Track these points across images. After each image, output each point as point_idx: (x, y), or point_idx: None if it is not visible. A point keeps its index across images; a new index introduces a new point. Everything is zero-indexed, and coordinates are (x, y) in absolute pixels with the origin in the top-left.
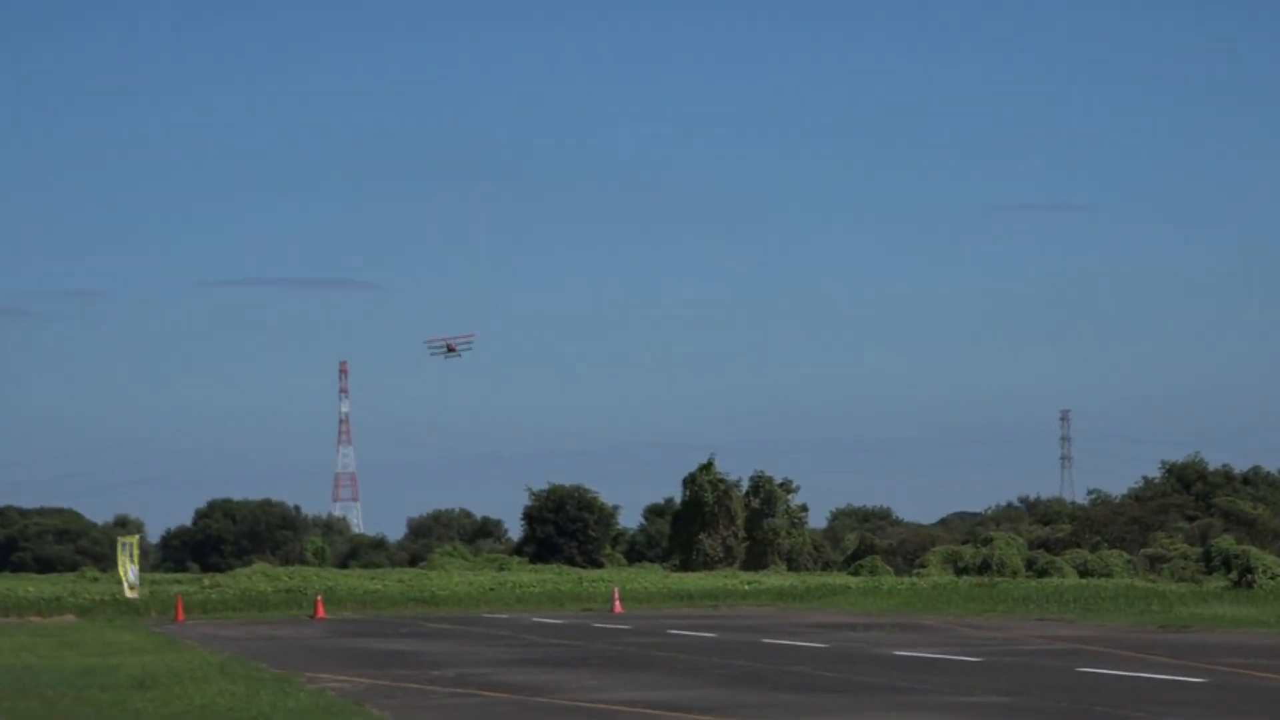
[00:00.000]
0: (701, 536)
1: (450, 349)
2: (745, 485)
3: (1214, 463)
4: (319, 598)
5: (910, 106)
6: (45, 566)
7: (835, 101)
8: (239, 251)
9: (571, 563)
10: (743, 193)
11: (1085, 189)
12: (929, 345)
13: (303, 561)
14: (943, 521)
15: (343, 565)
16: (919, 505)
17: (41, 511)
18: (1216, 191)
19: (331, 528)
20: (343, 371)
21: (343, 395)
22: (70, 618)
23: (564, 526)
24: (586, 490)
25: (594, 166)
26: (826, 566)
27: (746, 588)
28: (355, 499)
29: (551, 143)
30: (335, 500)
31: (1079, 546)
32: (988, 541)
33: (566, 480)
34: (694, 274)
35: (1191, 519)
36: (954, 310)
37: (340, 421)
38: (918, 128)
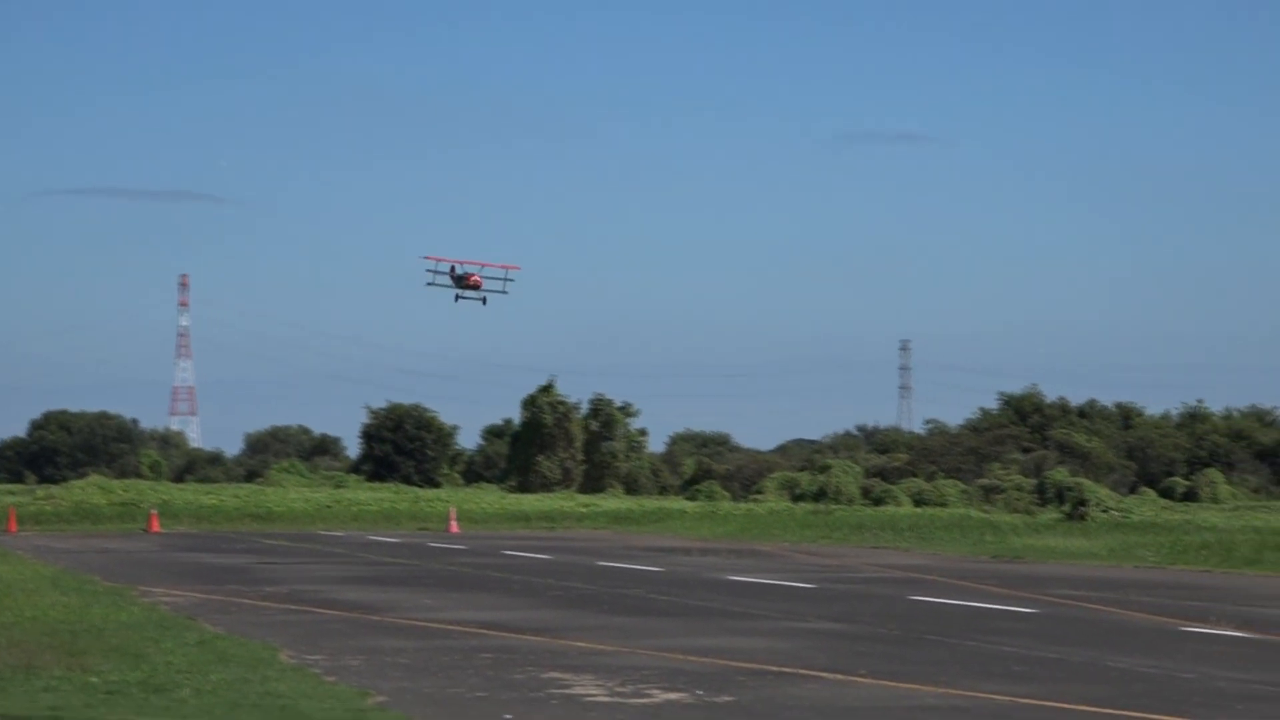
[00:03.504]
0: (540, 458)
1: (469, 282)
2: (585, 408)
3: (1051, 395)
4: (154, 512)
5: (757, 35)
6: None
7: (682, 29)
8: (76, 161)
9: (409, 482)
10: (591, 117)
11: (929, 120)
12: (771, 273)
13: (138, 475)
14: (781, 448)
15: (179, 480)
16: (758, 432)
17: None
18: (1057, 125)
19: (168, 442)
20: (183, 285)
21: (182, 309)
22: None
23: (402, 446)
24: (425, 410)
25: (443, 83)
26: (664, 490)
27: (584, 510)
28: (193, 413)
29: (402, 60)
30: (172, 414)
31: (915, 476)
32: (825, 469)
33: (406, 400)
34: (538, 197)
35: (1027, 451)
36: (796, 239)
37: (179, 335)
38: (763, 57)
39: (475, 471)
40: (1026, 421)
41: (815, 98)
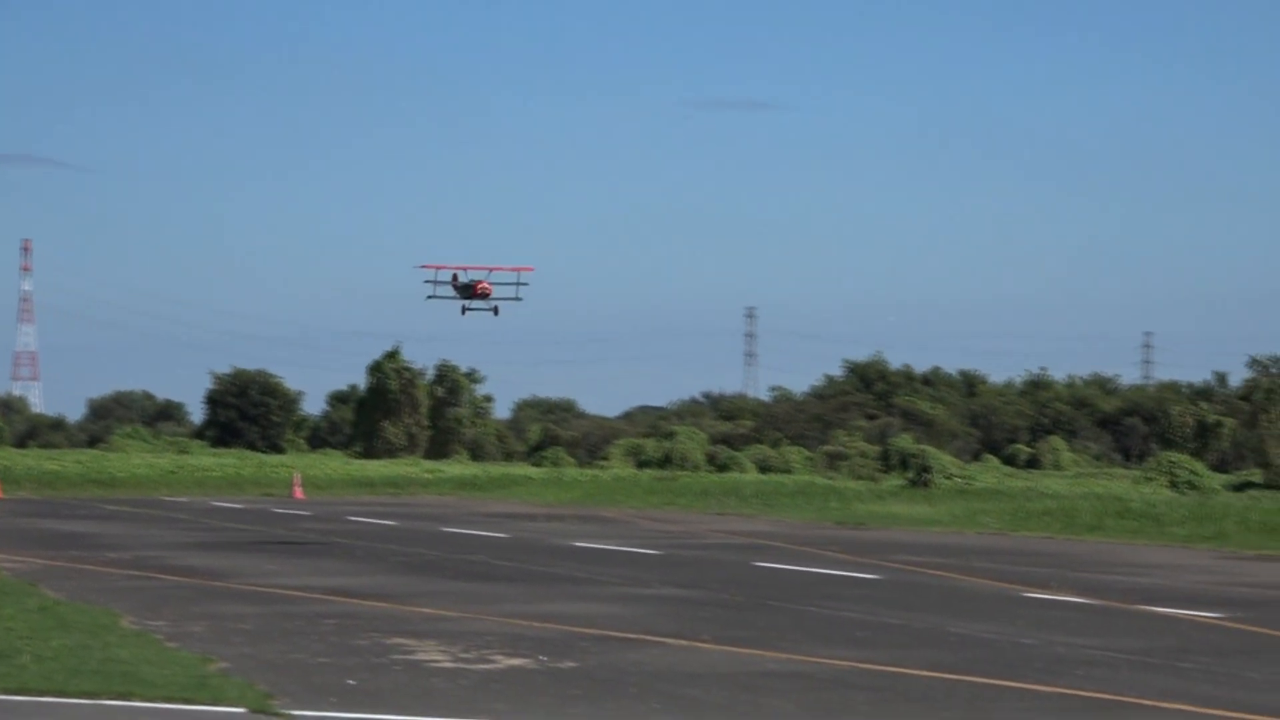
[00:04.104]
0: (385, 424)
1: (476, 291)
2: (430, 374)
3: (895, 363)
4: None
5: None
6: None
7: None
8: None
9: (253, 448)
10: (433, 77)
11: (777, 87)
12: (618, 240)
13: None
14: (627, 415)
15: (20, 445)
16: (603, 398)
17: None
18: (903, 93)
19: (10, 407)
20: (25, 249)
21: (25, 273)
22: None
23: (246, 411)
24: (270, 375)
25: (279, 51)
26: (509, 457)
27: (429, 476)
28: (35, 379)
29: (248, 26)
30: (14, 380)
31: (760, 443)
32: (670, 436)
33: (250, 365)
34: (380, 160)
35: (871, 418)
36: (643, 206)
37: (21, 300)
38: (609, 23)
39: (320, 437)
40: (871, 389)
41: (662, 65)
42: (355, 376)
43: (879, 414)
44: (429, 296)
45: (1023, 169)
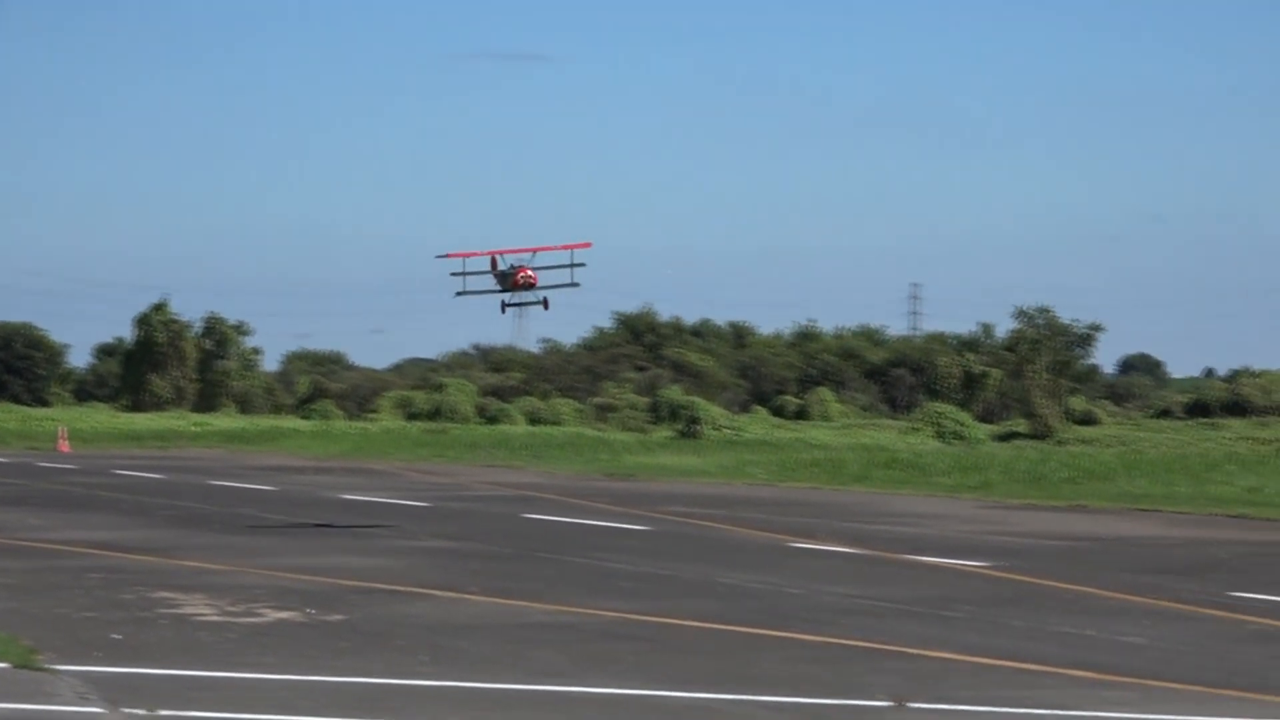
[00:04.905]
0: (152, 377)
1: (517, 280)
2: (198, 327)
3: (665, 315)
4: None
5: None
6: None
7: None
8: None
9: (17, 401)
10: (213, 30)
11: (544, 39)
12: (388, 191)
13: None
14: (396, 367)
15: None
16: (372, 350)
17: None
18: (674, 46)
19: None
20: None
21: None
22: None
23: (10, 364)
24: (34, 328)
25: None
26: (278, 409)
27: (196, 429)
28: None
29: None
30: None
31: (530, 395)
32: (439, 388)
33: (14, 318)
34: (154, 106)
35: (642, 369)
36: (412, 156)
37: None
38: None
39: (87, 390)
40: (641, 341)
41: (433, 13)
42: (121, 329)
43: (649, 366)
44: (459, 293)
45: (788, 119)
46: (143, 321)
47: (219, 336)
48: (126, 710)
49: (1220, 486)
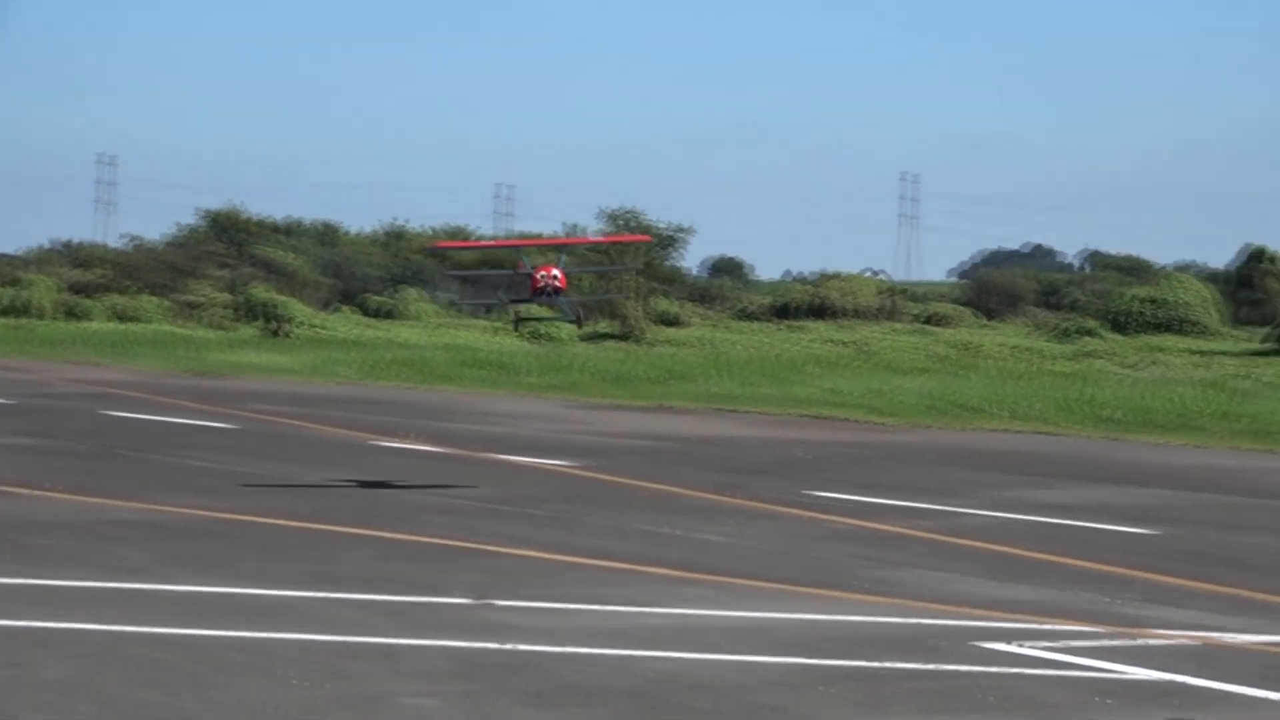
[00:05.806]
0: None
1: (535, 283)
2: None
3: (254, 213)
4: None
5: None
6: None
7: None
8: None
9: None
10: None
11: None
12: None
13: None
14: None
15: None
16: None
17: None
18: None
19: None
20: None
21: None
22: None
23: None
24: None
25: None
26: None
27: None
28: None
29: None
30: None
31: (115, 291)
32: (20, 283)
33: None
34: None
35: (228, 267)
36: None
37: None
38: None
39: None
40: (228, 238)
41: None
42: None
43: (236, 264)
44: (456, 305)
45: (382, 13)
46: None
47: None
48: None
49: (802, 387)
